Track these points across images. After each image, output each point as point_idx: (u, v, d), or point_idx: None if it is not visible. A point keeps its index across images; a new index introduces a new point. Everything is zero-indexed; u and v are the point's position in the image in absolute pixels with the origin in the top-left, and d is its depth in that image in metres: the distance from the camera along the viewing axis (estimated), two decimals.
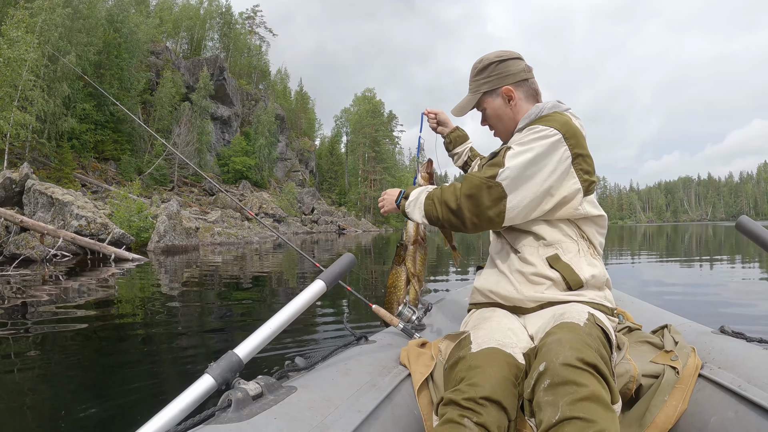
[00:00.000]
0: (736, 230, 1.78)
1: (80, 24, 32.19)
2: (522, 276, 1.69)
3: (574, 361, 1.14)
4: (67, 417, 2.38)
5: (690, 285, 7.15)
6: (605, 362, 1.22)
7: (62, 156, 30.53)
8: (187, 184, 44.06)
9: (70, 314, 4.95)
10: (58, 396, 2.72)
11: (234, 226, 30.48)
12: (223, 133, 57.26)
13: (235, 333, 4.27)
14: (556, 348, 1.20)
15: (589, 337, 1.26)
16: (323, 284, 1.50)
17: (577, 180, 1.63)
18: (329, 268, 1.56)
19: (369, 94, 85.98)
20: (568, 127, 1.61)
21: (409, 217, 1.80)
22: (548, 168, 1.57)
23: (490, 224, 1.62)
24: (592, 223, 1.73)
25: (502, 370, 1.28)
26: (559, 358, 1.15)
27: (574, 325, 1.30)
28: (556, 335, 1.26)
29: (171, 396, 1.12)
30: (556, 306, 1.60)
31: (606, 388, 1.14)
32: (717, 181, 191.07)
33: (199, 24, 61.95)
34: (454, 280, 7.81)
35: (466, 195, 1.58)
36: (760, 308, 5.13)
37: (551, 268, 1.64)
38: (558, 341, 1.22)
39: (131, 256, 12.43)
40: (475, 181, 1.57)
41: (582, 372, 1.13)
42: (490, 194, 1.56)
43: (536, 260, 1.67)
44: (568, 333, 1.25)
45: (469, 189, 1.58)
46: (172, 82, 45.63)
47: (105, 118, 37.36)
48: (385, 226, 73.41)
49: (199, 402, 1.13)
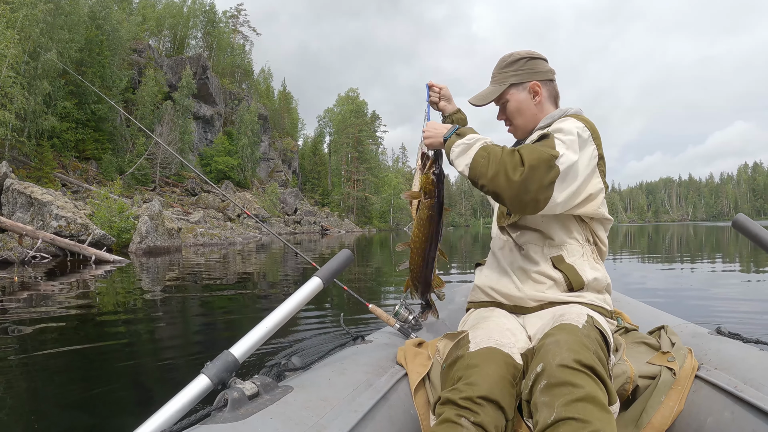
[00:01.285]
0: (733, 228, 1.80)
1: (62, 20, 31.68)
2: (524, 274, 1.70)
3: (570, 363, 1.14)
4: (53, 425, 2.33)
5: (671, 283, 7.24)
6: (602, 364, 1.22)
7: (42, 155, 30.01)
8: (168, 184, 43.63)
9: (49, 318, 4.83)
10: (40, 404, 2.64)
11: (217, 226, 30.28)
12: (206, 133, 56.80)
13: (220, 337, 4.23)
14: (553, 349, 1.20)
15: (587, 338, 1.26)
16: (320, 281, 1.48)
17: (600, 180, 1.64)
18: (326, 264, 1.54)
19: (353, 94, 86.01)
20: (594, 129, 1.62)
21: (450, 158, 1.61)
22: (584, 163, 1.55)
23: (534, 206, 1.46)
24: (601, 225, 1.74)
25: (499, 369, 1.28)
26: (556, 360, 1.16)
27: (572, 327, 1.30)
28: (554, 337, 1.26)
29: (157, 402, 1.11)
30: (556, 307, 1.60)
31: (603, 389, 1.14)
32: (698, 182, 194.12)
33: (182, 22, 61.37)
34: (452, 280, 7.80)
35: (530, 165, 1.41)
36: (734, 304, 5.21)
37: (555, 269, 1.65)
38: (556, 343, 1.22)
39: (112, 258, 12.22)
40: (544, 155, 1.43)
41: (578, 373, 1.13)
42: (549, 175, 1.42)
43: (540, 259, 1.68)
44: (567, 335, 1.25)
45: (536, 161, 1.41)
46: (154, 80, 45.11)
47: (86, 116, 36.81)
48: (368, 226, 73.50)
49: (194, 402, 1.12)
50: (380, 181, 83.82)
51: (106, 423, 2.35)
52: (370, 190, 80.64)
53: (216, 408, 1.12)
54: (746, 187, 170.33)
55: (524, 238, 1.74)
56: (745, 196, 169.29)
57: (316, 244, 25.25)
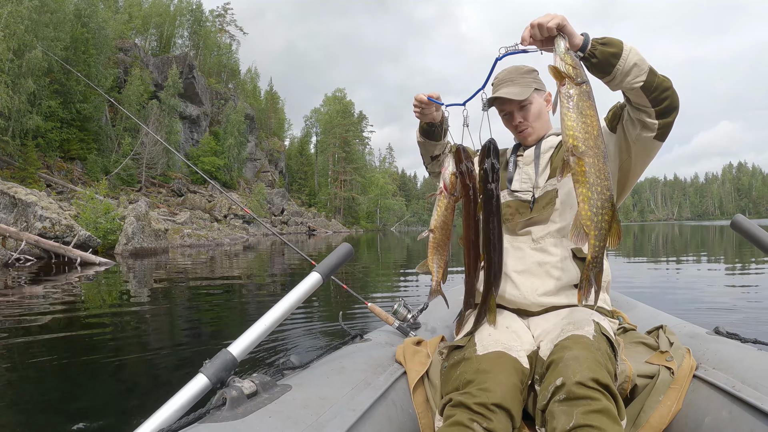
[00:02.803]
0: (732, 229, 1.81)
1: (47, 18, 31.27)
2: (540, 268, 1.71)
3: (589, 382, 1.18)
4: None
5: (663, 282, 7.31)
6: (612, 378, 1.28)
7: (27, 155, 29.61)
8: (154, 185, 43.25)
9: (34, 323, 4.75)
10: (27, 411, 2.59)
11: (203, 227, 30.06)
12: (192, 133, 56.37)
13: (211, 339, 4.20)
14: (573, 366, 1.23)
15: (599, 353, 1.29)
16: (319, 276, 1.47)
17: None
18: (325, 259, 1.52)
19: (339, 95, 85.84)
20: None
21: (618, 63, 1.38)
22: None
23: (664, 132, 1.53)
24: None
25: (511, 377, 1.32)
26: (576, 377, 1.19)
27: (585, 341, 1.33)
28: (571, 351, 1.28)
29: (154, 403, 1.10)
30: (561, 309, 1.64)
31: (614, 405, 1.18)
32: (683, 182, 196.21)
33: (168, 21, 60.80)
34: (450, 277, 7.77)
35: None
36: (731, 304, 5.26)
37: (575, 259, 1.68)
38: (575, 359, 1.25)
39: (98, 260, 12.02)
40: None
41: (595, 392, 1.17)
42: None
43: (559, 252, 1.70)
44: (582, 350, 1.28)
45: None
46: (140, 79, 44.69)
47: (71, 116, 36.37)
48: (355, 227, 73.42)
49: (193, 402, 1.12)
50: (367, 181, 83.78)
51: (104, 426, 2.31)
52: (357, 190, 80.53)
53: (215, 407, 1.11)
54: (731, 187, 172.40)
55: (540, 233, 1.76)
56: (729, 195, 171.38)
57: (303, 245, 25.16)
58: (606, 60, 1.37)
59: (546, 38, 1.37)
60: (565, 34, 1.34)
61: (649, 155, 1.62)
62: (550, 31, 1.34)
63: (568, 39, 1.35)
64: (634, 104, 1.49)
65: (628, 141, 1.60)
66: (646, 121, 1.49)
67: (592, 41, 1.38)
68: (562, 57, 1.33)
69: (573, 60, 1.33)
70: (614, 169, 1.69)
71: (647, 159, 1.64)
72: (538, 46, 1.41)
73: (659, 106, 1.44)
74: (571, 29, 1.35)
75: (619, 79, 1.39)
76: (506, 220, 1.79)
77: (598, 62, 1.38)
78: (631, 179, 1.72)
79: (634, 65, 1.37)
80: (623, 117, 1.58)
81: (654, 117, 1.47)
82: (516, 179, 1.86)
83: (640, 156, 1.62)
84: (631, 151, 1.62)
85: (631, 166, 1.67)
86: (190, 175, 49.73)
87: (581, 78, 1.33)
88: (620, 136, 1.62)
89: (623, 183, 1.74)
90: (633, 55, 1.38)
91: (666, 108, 1.45)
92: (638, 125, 1.52)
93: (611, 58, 1.37)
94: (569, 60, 1.32)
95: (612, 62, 1.37)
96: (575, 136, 1.33)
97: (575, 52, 1.36)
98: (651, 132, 1.50)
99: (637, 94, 1.43)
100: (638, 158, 1.64)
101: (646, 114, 1.47)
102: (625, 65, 1.37)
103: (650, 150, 1.59)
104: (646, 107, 1.46)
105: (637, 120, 1.51)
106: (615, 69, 1.38)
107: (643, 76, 1.39)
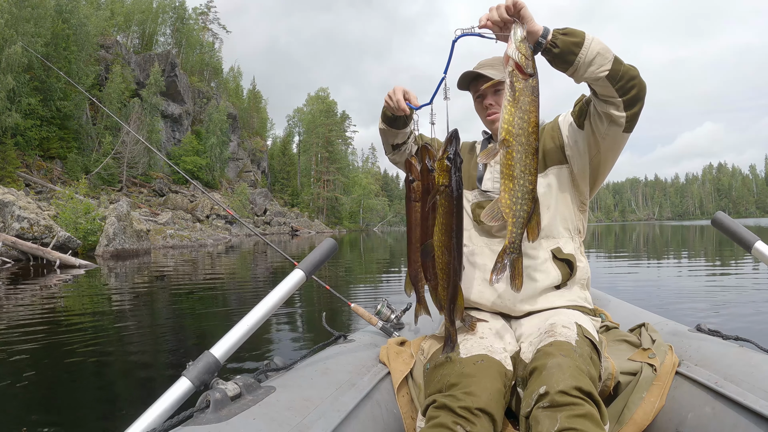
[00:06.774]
0: (713, 226, 1.83)
1: (28, 12, 30.79)
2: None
3: (572, 390, 1.18)
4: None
5: (645, 280, 7.40)
6: (596, 384, 1.29)
7: (5, 153, 29.13)
8: (136, 185, 42.78)
9: (11, 329, 4.67)
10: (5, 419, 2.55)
11: (186, 228, 29.81)
12: (174, 132, 55.79)
13: (195, 340, 4.18)
14: (557, 374, 1.22)
15: (581, 359, 1.29)
16: (302, 274, 1.46)
17: None
18: (308, 256, 1.51)
19: (323, 94, 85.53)
20: None
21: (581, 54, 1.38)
22: None
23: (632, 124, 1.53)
24: (584, 216, 1.81)
25: (495, 382, 1.31)
26: (560, 386, 1.19)
27: (567, 347, 1.32)
28: (554, 359, 1.27)
29: (137, 408, 1.10)
30: (543, 312, 1.64)
31: (597, 411, 1.19)
32: (663, 182, 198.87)
33: (151, 18, 60.07)
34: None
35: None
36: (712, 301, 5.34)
37: (555, 260, 1.68)
38: (558, 367, 1.24)
39: (78, 262, 11.82)
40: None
41: (579, 399, 1.17)
42: None
43: (539, 253, 1.70)
44: (565, 357, 1.27)
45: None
46: (121, 77, 44.17)
47: (51, 114, 35.84)
48: (338, 227, 73.27)
49: (177, 406, 1.10)
50: (350, 181, 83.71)
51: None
52: (340, 190, 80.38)
53: (198, 409, 1.10)
54: (711, 187, 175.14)
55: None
56: (709, 195, 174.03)
57: (286, 246, 25.06)
58: (567, 49, 1.36)
59: (504, 24, 1.35)
60: (524, 18, 1.32)
61: (618, 148, 1.63)
62: (508, 11, 1.32)
63: (527, 24, 1.33)
64: (601, 96, 1.47)
65: (596, 136, 1.59)
66: (613, 114, 1.47)
67: (553, 31, 1.37)
68: (517, 46, 1.31)
69: (527, 50, 1.31)
70: (584, 165, 1.69)
71: (617, 152, 1.65)
72: (495, 32, 1.38)
73: (626, 96, 1.43)
74: (528, 14, 1.32)
75: (583, 70, 1.38)
76: (481, 221, 1.69)
77: (560, 52, 1.37)
78: (602, 173, 1.72)
79: (597, 54, 1.37)
80: (590, 113, 1.57)
81: (622, 109, 1.46)
82: (487, 178, 1.82)
83: (609, 150, 1.63)
84: (600, 146, 1.62)
85: (601, 160, 1.67)
86: (171, 175, 49.22)
87: (530, 70, 1.31)
88: (588, 132, 1.61)
89: (594, 177, 1.74)
90: (595, 44, 1.37)
91: (633, 97, 1.44)
92: (605, 120, 1.51)
93: (573, 47, 1.36)
94: (523, 50, 1.31)
95: (574, 51, 1.36)
96: (509, 130, 1.32)
97: (538, 40, 1.36)
98: (619, 126, 1.50)
99: (602, 84, 1.41)
100: (608, 152, 1.64)
101: (613, 106, 1.46)
102: (587, 54, 1.36)
103: (620, 143, 1.59)
104: (612, 98, 1.44)
105: (604, 114, 1.50)
106: (577, 58, 1.37)
107: (607, 64, 1.38)
